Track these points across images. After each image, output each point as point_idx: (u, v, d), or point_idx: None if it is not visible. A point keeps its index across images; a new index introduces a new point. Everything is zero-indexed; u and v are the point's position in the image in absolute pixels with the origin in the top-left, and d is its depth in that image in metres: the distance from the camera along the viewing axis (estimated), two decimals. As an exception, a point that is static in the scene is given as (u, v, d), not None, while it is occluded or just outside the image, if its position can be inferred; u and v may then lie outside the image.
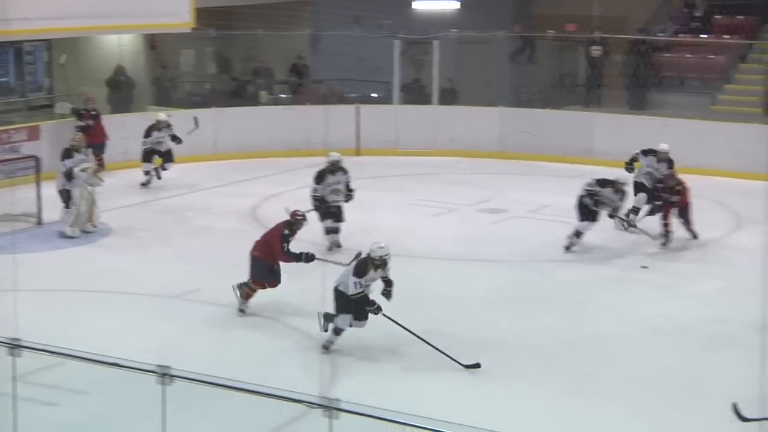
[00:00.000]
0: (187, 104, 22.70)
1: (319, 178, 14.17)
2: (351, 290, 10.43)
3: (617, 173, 15.00)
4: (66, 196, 15.22)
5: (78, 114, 18.97)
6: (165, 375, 6.05)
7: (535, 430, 9.04)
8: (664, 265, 13.81)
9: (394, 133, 21.62)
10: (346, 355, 10.89)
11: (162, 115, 18.56)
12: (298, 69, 23.91)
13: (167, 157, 18.47)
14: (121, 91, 21.93)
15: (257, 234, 15.63)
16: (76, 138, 16.20)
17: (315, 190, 14.15)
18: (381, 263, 10.50)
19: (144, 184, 18.49)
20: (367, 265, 10.47)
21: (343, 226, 14.34)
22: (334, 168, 14.22)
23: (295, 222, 11.89)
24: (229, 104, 21.87)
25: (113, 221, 15.93)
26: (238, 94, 23.03)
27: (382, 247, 10.46)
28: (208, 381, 6.34)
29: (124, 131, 19.88)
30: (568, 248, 14.25)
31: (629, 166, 15.72)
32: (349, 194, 14.28)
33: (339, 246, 14.07)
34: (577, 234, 14.22)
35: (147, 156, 18.41)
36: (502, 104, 22.15)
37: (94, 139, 18.29)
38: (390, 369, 10.63)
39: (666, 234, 14.52)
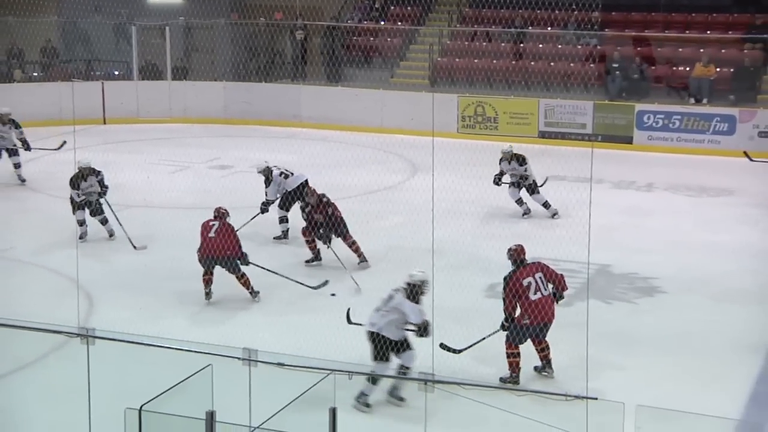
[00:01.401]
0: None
1: (74, 185, 12.31)
2: (416, 319, 8.07)
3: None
4: None
5: None
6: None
7: (257, 344, 9.12)
8: (361, 207, 14.09)
9: (135, 105, 20.97)
10: (101, 291, 10.54)
11: (5, 108, 15.39)
12: (47, 51, 22.66)
13: (11, 152, 15.44)
14: None
15: (21, 193, 14.88)
16: None
17: (78, 195, 12.35)
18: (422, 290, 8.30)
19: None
20: (419, 292, 8.26)
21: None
22: (85, 173, 12.37)
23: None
24: (-15, 82, 20.47)
25: None
26: (-6, 73, 21.59)
27: (423, 272, 8.36)
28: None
29: None
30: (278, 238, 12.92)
31: (497, 178, 13.99)
32: (104, 191, 12.51)
33: (113, 235, 12.54)
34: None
35: None
36: (226, 79, 21.91)
37: None
38: (143, 303, 10.39)
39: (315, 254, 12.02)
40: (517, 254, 8.71)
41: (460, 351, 8.58)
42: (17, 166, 15.38)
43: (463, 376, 7.98)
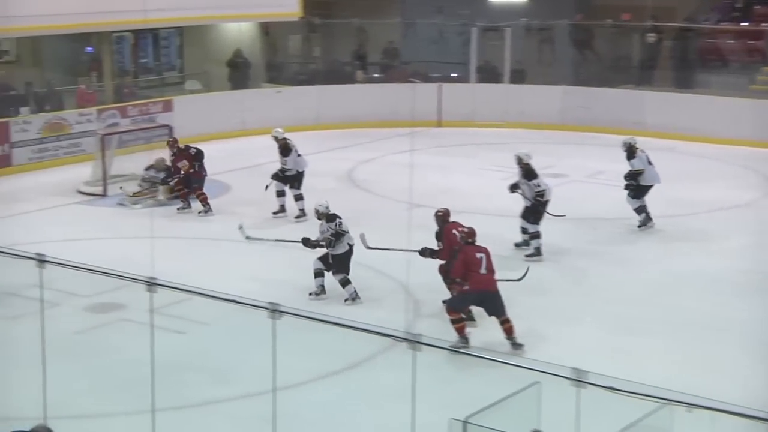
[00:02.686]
0: (295, 82, 22.80)
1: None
2: None
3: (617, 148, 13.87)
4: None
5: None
6: (275, 311, 6.11)
7: (585, 364, 9.00)
8: (706, 225, 13.53)
9: (471, 108, 21.50)
10: (425, 299, 10.91)
11: (279, 130, 14.57)
12: (389, 52, 23.86)
13: (293, 183, 14.29)
14: (239, 71, 22.05)
15: (353, 193, 15.78)
16: (156, 160, 15.48)
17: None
18: None
19: (276, 213, 14.26)
20: None
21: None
22: (320, 217, 11.23)
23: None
24: (330, 82, 21.94)
25: (232, 181, 16.09)
26: (338, 74, 23.05)
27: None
28: (312, 317, 6.41)
29: (242, 105, 20.20)
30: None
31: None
32: (331, 239, 10.95)
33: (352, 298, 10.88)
34: None
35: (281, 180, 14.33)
36: (564, 83, 21.91)
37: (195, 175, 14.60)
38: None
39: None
40: None
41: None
42: (298, 198, 14.18)
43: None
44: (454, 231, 10.28)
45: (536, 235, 12.27)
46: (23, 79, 19.12)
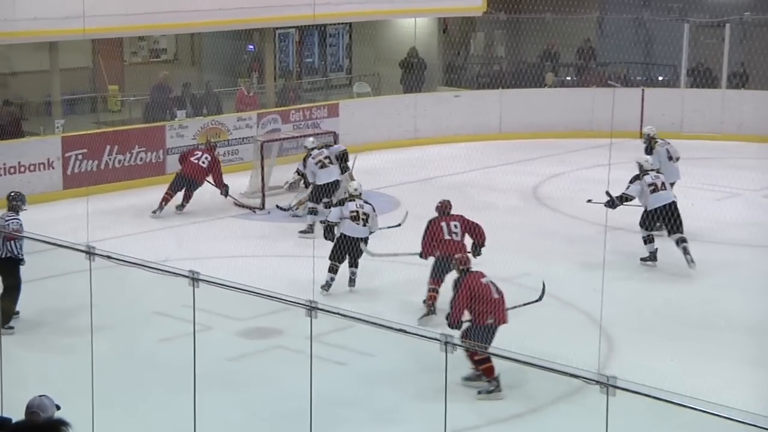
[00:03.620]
0: (475, 85, 22.90)
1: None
2: None
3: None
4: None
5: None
6: (447, 343, 6.13)
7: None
8: None
9: (679, 117, 21.01)
10: (621, 337, 10.73)
11: (310, 139, 15.24)
12: (584, 52, 23.62)
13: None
14: (413, 73, 22.29)
15: (539, 212, 15.68)
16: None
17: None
18: None
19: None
20: None
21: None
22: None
23: None
24: (515, 86, 21.89)
25: (402, 195, 16.25)
26: (524, 76, 22.98)
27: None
28: (491, 352, 6.42)
29: (415, 110, 20.41)
30: None
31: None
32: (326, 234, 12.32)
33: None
34: None
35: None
36: (796, 88, 21.17)
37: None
38: (663, 349, 10.42)
39: None
40: None
41: None
42: (311, 211, 14.57)
43: None
44: (443, 224, 11.32)
45: (646, 240, 13.11)
46: (181, 79, 19.93)
